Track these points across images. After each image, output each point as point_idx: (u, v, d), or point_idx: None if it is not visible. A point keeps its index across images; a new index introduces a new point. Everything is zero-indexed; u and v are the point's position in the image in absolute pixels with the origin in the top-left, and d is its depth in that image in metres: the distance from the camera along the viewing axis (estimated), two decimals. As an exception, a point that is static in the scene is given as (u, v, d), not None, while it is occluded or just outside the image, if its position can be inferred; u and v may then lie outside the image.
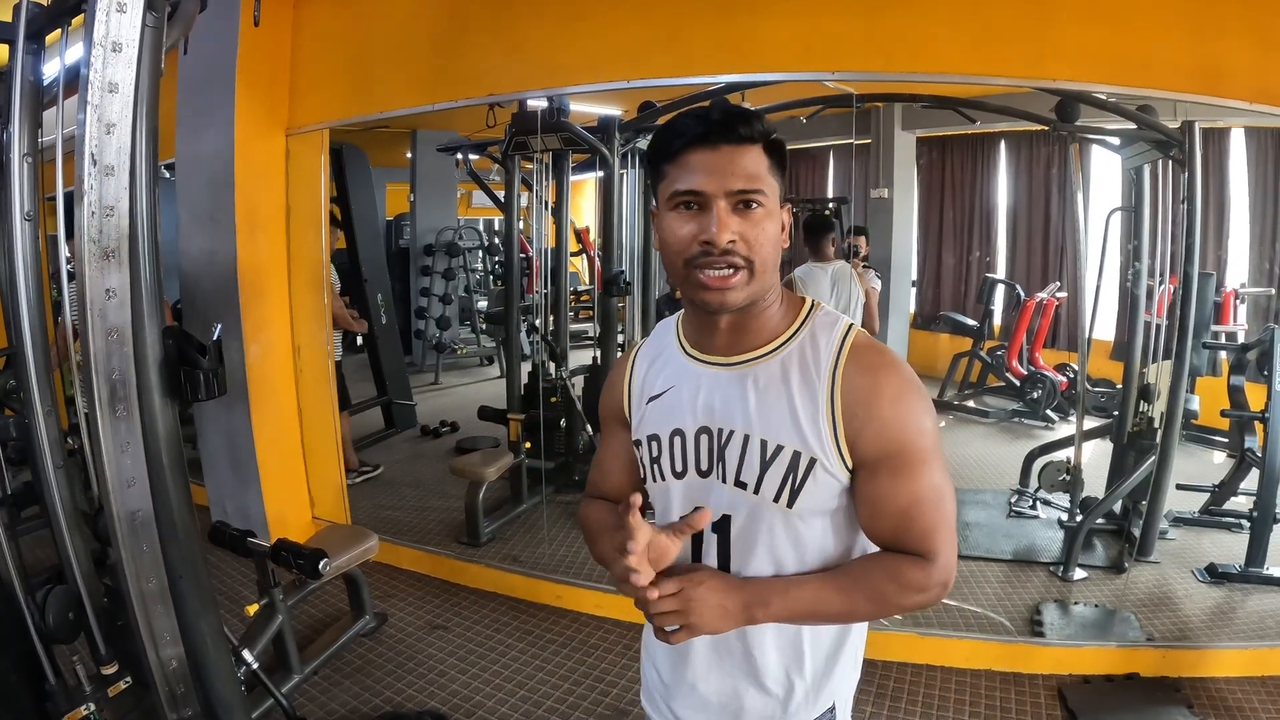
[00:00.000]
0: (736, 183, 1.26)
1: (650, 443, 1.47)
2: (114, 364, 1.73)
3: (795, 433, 1.32)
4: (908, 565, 1.31)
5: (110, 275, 1.68)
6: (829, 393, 1.31)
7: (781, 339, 1.38)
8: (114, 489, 1.79)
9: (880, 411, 1.29)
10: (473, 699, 3.56)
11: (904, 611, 1.38)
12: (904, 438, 1.30)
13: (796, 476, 1.32)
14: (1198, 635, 4.00)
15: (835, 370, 1.32)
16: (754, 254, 1.28)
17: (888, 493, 1.31)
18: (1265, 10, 3.25)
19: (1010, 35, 3.41)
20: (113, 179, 1.62)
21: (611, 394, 1.60)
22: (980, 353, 8.68)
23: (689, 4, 3.68)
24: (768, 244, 1.29)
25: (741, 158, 1.27)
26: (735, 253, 1.27)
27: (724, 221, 1.26)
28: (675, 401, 1.44)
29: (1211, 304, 6.78)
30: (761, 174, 1.28)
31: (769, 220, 1.29)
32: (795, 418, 1.32)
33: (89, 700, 2.24)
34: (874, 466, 1.31)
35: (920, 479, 1.30)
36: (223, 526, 3.45)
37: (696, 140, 1.27)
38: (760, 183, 1.27)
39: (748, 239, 1.27)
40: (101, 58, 1.57)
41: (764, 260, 1.29)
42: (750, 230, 1.27)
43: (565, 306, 6.52)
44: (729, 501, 1.38)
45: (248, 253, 4.42)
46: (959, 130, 8.75)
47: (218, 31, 4.14)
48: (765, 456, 1.34)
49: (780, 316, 1.40)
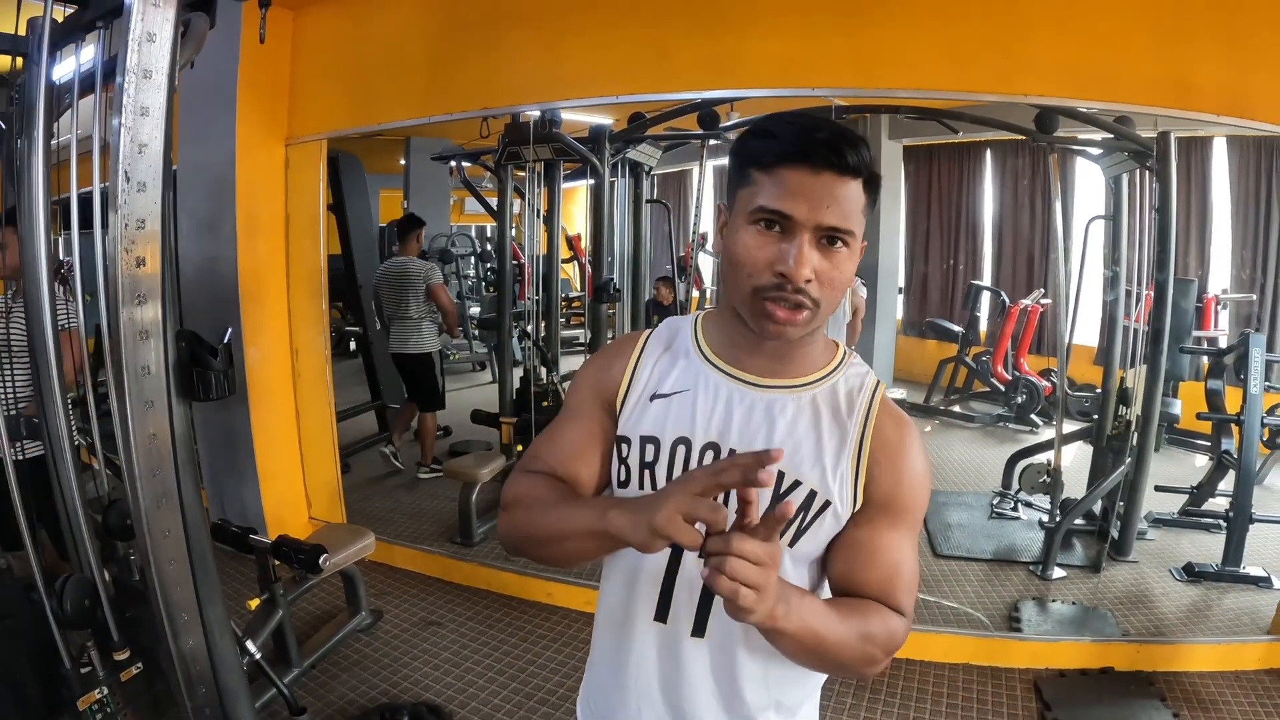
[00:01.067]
0: (831, 218, 1.13)
1: (645, 445, 1.31)
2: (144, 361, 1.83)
3: (817, 471, 1.24)
4: (895, 620, 1.22)
5: (141, 282, 1.78)
6: (859, 434, 1.26)
7: (818, 375, 1.30)
8: (141, 476, 1.88)
9: (904, 464, 1.25)
10: (466, 691, 3.64)
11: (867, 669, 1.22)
12: (913, 497, 1.26)
13: (806, 516, 1.24)
14: (1173, 631, 4.09)
15: (869, 415, 1.27)
16: (824, 295, 1.17)
17: (886, 543, 1.25)
18: (1232, 26, 3.35)
19: (985, 52, 3.51)
20: (144, 194, 1.72)
21: (608, 373, 1.39)
22: (966, 359, 8.76)
23: (676, 23, 3.79)
24: (841, 286, 1.18)
25: (841, 189, 1.13)
26: (807, 293, 1.15)
27: (806, 256, 1.13)
28: (685, 408, 1.30)
29: (1193, 310, 6.89)
30: (855, 212, 1.15)
31: (849, 261, 1.18)
32: (820, 456, 1.24)
33: (102, 684, 2.33)
34: (875, 513, 1.25)
35: (909, 541, 1.27)
36: (225, 524, 3.53)
37: (797, 157, 1.13)
38: (852, 222, 1.15)
39: (824, 279, 1.16)
40: (134, 84, 1.67)
41: (832, 302, 1.19)
42: (829, 271, 1.16)
43: (556, 312, 6.60)
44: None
45: (247, 259, 4.51)
46: (944, 139, 8.83)
47: (220, 45, 4.19)
48: (779, 489, 1.23)
49: (820, 352, 1.32)
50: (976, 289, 9.06)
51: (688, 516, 0.99)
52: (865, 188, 1.16)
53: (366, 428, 7.56)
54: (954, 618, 4.14)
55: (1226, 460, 4.97)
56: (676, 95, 4.04)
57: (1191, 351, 6.36)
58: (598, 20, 3.95)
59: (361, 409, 7.65)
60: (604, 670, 1.44)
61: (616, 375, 1.37)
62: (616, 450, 1.34)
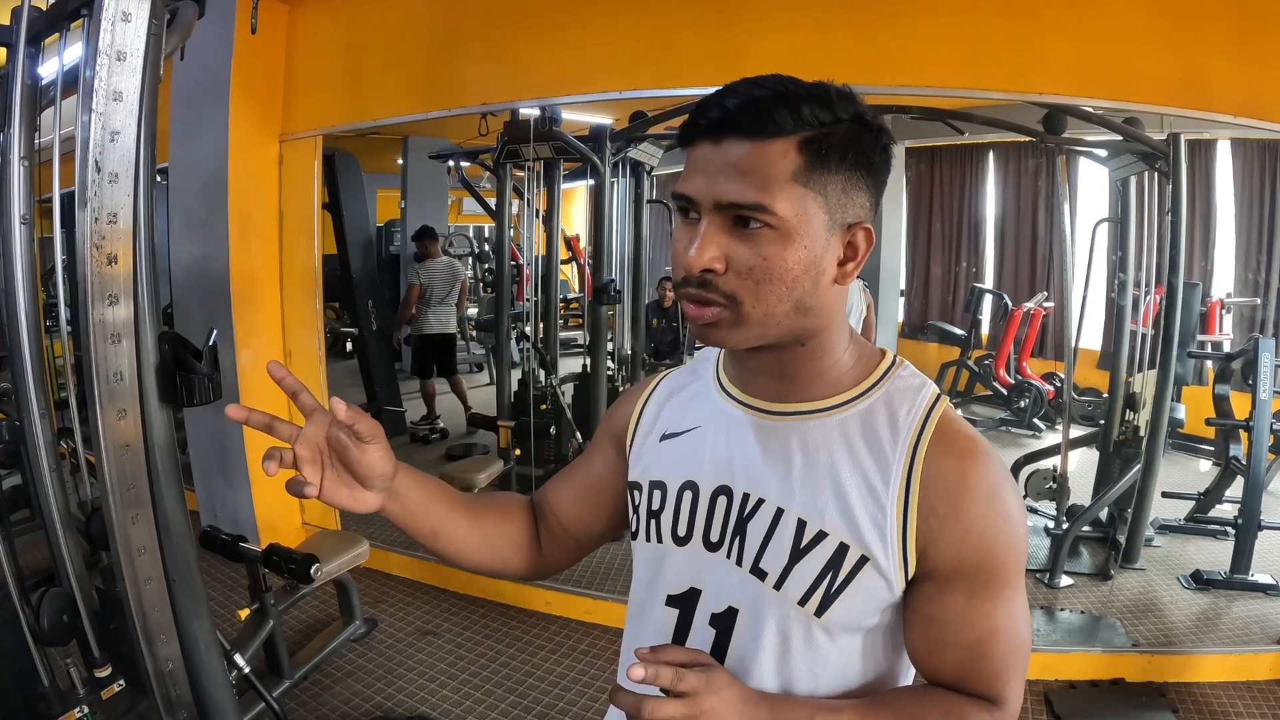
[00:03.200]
0: (729, 191, 0.91)
1: (652, 491, 1.15)
2: (115, 366, 1.74)
3: (846, 518, 1.00)
4: (971, 710, 1.01)
5: (112, 281, 1.69)
6: (904, 475, 0.99)
7: (847, 396, 1.05)
8: (114, 490, 1.80)
9: (969, 511, 0.98)
10: (462, 704, 3.57)
11: None
12: (994, 550, 0.99)
13: (837, 576, 1.00)
14: (1183, 641, 4.03)
15: (916, 447, 1.00)
16: (742, 290, 0.95)
17: (961, 617, 1.00)
18: (1249, 25, 3.29)
19: (996, 50, 3.45)
20: (116, 186, 1.63)
21: (619, 409, 1.28)
22: (968, 362, 8.71)
23: (681, 17, 3.72)
24: (770, 279, 0.94)
25: (748, 156, 0.91)
26: (712, 284, 0.95)
27: (704, 241, 0.94)
28: (694, 446, 1.13)
29: (1197, 314, 6.83)
30: (775, 180, 0.91)
31: (778, 245, 0.93)
32: (849, 498, 1.00)
33: (83, 703, 2.25)
34: (946, 580, 1.00)
35: (1004, 605, 1.00)
36: (215, 531, 3.45)
37: (702, 128, 0.95)
38: (767, 193, 0.91)
39: (740, 267, 0.94)
40: (106, 66, 1.59)
41: (760, 299, 0.95)
42: (747, 257, 0.93)
43: (555, 314, 6.56)
44: (738, 591, 1.06)
45: (240, 258, 4.43)
46: (948, 141, 8.79)
47: (213, 38, 4.15)
48: (800, 543, 1.01)
49: (849, 366, 1.07)
50: (979, 292, 9.01)
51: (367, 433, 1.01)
52: (804, 149, 0.92)
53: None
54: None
55: (1234, 466, 4.91)
56: (681, 91, 3.96)
57: (1198, 356, 6.30)
58: (600, 14, 3.89)
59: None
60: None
61: (626, 413, 1.26)
62: (630, 498, 1.20)
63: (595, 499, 1.27)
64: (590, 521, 1.27)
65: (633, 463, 1.21)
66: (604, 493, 1.27)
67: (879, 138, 0.97)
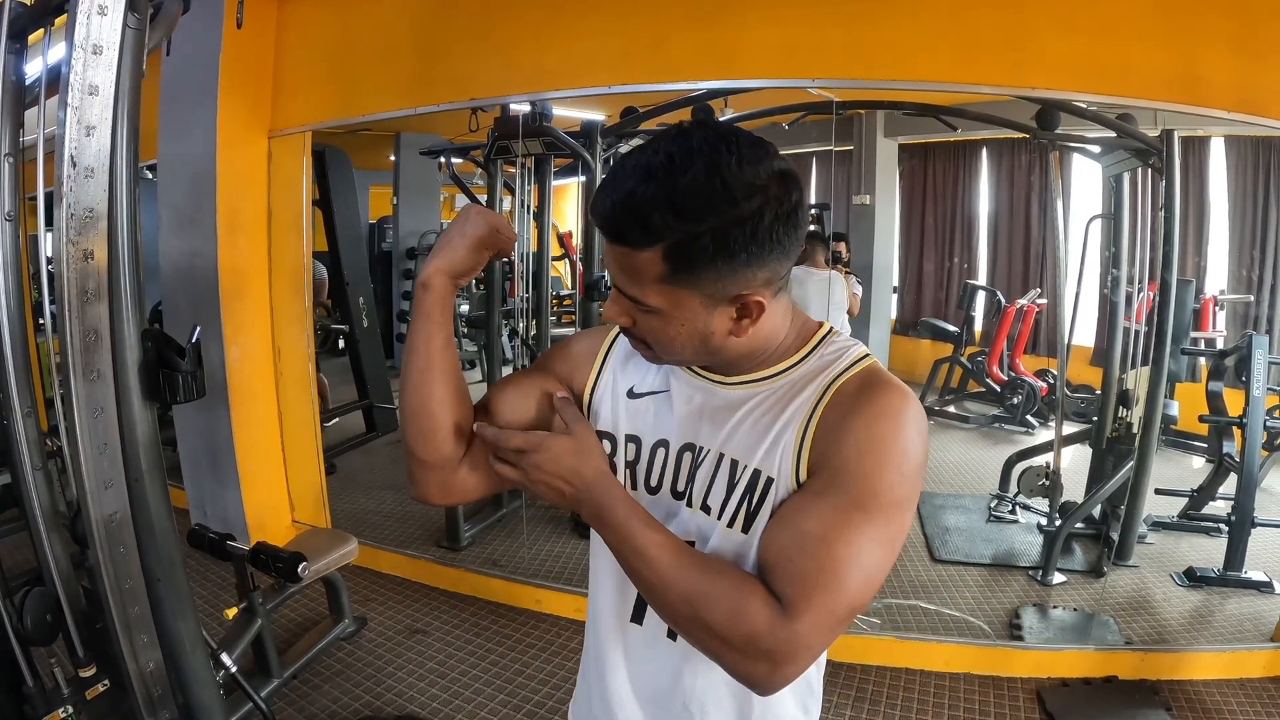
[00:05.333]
0: (618, 279, 1.10)
1: (628, 444, 1.29)
2: (92, 365, 1.72)
3: (765, 452, 1.15)
4: (760, 600, 1.05)
5: (89, 277, 1.67)
6: (812, 405, 1.14)
7: (785, 365, 1.20)
8: (91, 490, 1.77)
9: (849, 422, 1.09)
10: (452, 703, 3.55)
11: (712, 646, 1.09)
12: (860, 462, 1.07)
13: (753, 500, 1.15)
14: (1176, 638, 4.03)
15: (831, 385, 1.15)
16: (650, 341, 1.15)
17: (801, 507, 1.09)
18: (1245, 20, 3.28)
19: (990, 44, 3.43)
20: (92, 181, 1.61)
21: (575, 351, 1.39)
22: (961, 358, 8.70)
23: (673, 10, 3.70)
24: (664, 341, 1.14)
25: (623, 259, 1.07)
26: (632, 332, 1.17)
27: (616, 306, 1.14)
28: (663, 409, 1.27)
29: (1190, 310, 6.83)
30: (645, 280, 1.07)
31: (660, 323, 1.11)
32: (772, 437, 1.15)
33: (67, 703, 2.23)
34: (812, 477, 1.11)
35: (847, 523, 1.05)
36: (202, 529, 3.42)
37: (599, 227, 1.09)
38: (639, 289, 1.08)
39: (641, 330, 1.15)
40: (82, 60, 1.56)
41: (666, 349, 1.16)
42: (643, 322, 1.13)
43: (547, 311, 6.52)
44: (695, 528, 1.21)
45: (229, 255, 4.40)
46: (941, 137, 8.79)
47: (201, 33, 4.13)
48: (733, 479, 1.17)
49: (790, 343, 1.21)
50: (972, 288, 9.01)
51: (493, 226, 1.22)
52: (668, 257, 1.04)
53: (353, 428, 7.47)
54: (954, 626, 4.06)
55: (1228, 463, 4.91)
56: (672, 85, 3.96)
57: (1192, 353, 6.30)
58: (591, 7, 3.87)
59: (349, 408, 7.55)
60: (590, 675, 1.41)
61: (581, 357, 1.38)
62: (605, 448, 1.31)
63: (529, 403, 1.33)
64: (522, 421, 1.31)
65: (596, 410, 1.34)
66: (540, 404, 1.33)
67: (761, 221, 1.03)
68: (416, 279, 1.23)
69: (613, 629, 1.32)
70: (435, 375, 1.23)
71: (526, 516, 5.35)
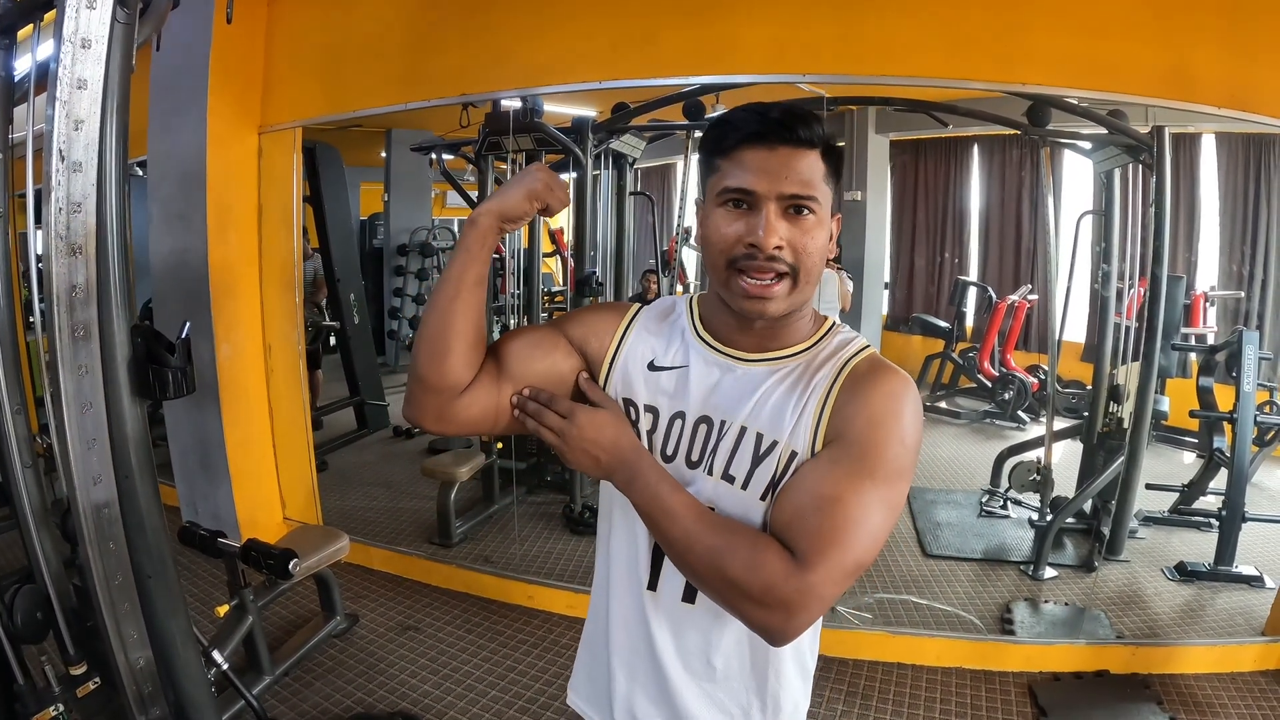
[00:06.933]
0: (790, 186, 1.21)
1: (646, 413, 1.38)
2: (80, 360, 1.71)
3: (790, 427, 1.27)
4: (776, 553, 1.17)
5: (77, 272, 1.66)
6: (829, 385, 1.27)
7: (801, 347, 1.34)
8: (80, 486, 1.77)
9: (863, 396, 1.24)
10: (444, 700, 3.54)
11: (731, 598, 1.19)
12: (870, 434, 1.21)
13: (778, 470, 1.26)
14: (1167, 632, 4.05)
15: (845, 367, 1.29)
16: (799, 262, 1.23)
17: (817, 472, 1.22)
18: (1236, 16, 3.29)
19: (981, 40, 3.43)
20: (80, 175, 1.59)
21: (593, 319, 1.47)
22: (952, 354, 8.73)
23: (664, 6, 3.69)
24: (815, 253, 1.24)
25: (798, 161, 1.22)
26: (781, 259, 1.22)
27: (773, 225, 1.21)
28: (683, 383, 1.36)
29: (1181, 306, 6.84)
30: (816, 181, 1.23)
31: (819, 229, 1.24)
32: (793, 412, 1.27)
33: (58, 701, 2.21)
34: (827, 445, 1.24)
35: (857, 487, 1.18)
36: (193, 527, 3.41)
37: (753, 138, 1.22)
38: (814, 189, 1.22)
39: (795, 246, 1.22)
40: (71, 54, 1.55)
41: (809, 270, 1.25)
42: (800, 237, 1.22)
43: (538, 307, 6.52)
44: (711, 495, 1.30)
45: (219, 251, 4.38)
46: (932, 134, 8.81)
47: (191, 28, 4.11)
48: (758, 451, 1.28)
49: (806, 327, 1.36)
50: (963, 284, 9.03)
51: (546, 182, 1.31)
52: (824, 158, 1.25)
53: (345, 424, 7.46)
54: (946, 621, 4.07)
55: (1218, 458, 4.92)
56: (663, 81, 3.95)
57: (1182, 349, 6.31)
58: (582, 3, 3.86)
59: (340, 405, 7.54)
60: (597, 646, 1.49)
61: (605, 335, 1.43)
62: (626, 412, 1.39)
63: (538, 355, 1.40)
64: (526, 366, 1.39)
65: (615, 379, 1.41)
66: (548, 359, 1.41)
67: (841, 150, 1.30)
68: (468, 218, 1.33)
69: (629, 596, 1.41)
70: (460, 306, 1.30)
71: (518, 513, 5.35)
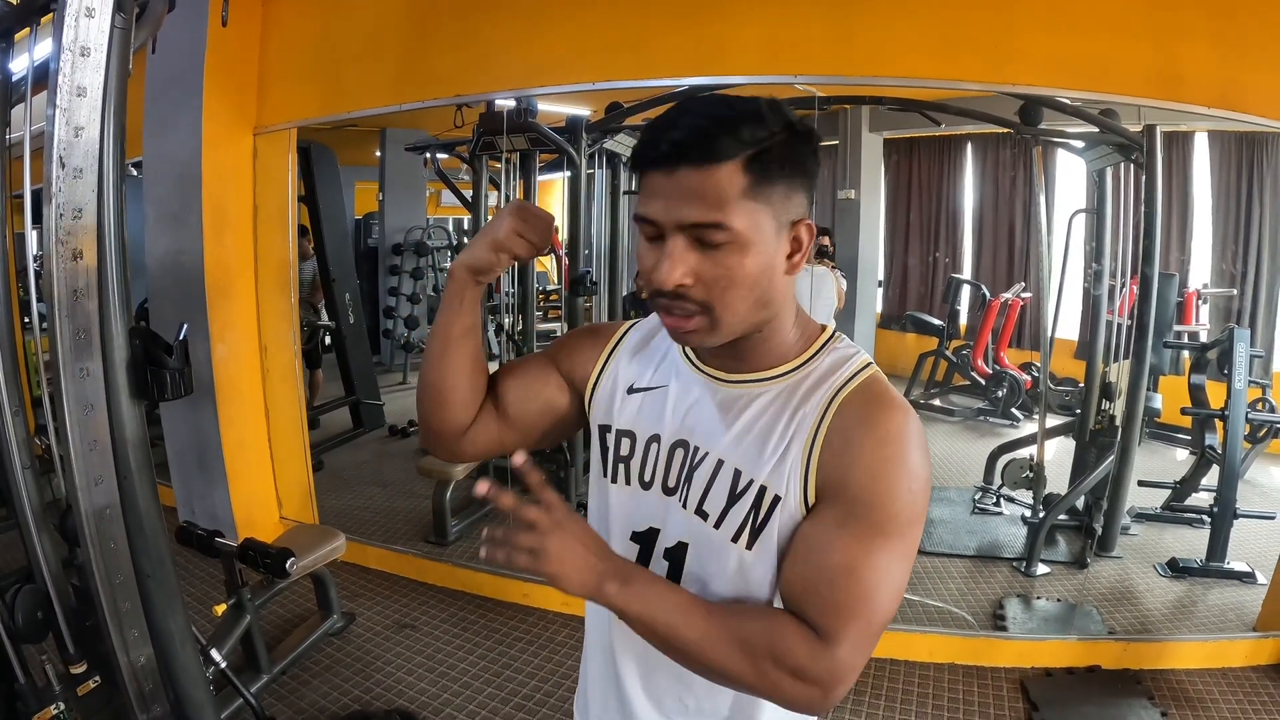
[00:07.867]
0: (690, 214, 1.04)
1: (622, 438, 1.29)
2: (81, 363, 1.73)
3: (768, 465, 1.14)
4: (797, 634, 1.07)
5: (77, 276, 1.67)
6: (817, 420, 1.13)
7: (789, 366, 1.19)
8: (82, 487, 1.78)
9: (860, 445, 1.10)
10: (440, 697, 3.56)
11: (761, 690, 1.10)
12: (874, 488, 1.08)
13: (759, 516, 1.15)
14: (1159, 628, 4.07)
15: (835, 398, 1.14)
16: (712, 298, 1.08)
17: (825, 539, 1.09)
18: (1226, 16, 3.30)
19: (972, 40, 3.44)
20: (81, 181, 1.61)
21: (579, 346, 1.39)
22: (946, 352, 8.73)
23: (657, 7, 3.70)
24: (738, 283, 1.07)
25: (700, 181, 1.03)
26: (687, 296, 1.08)
27: (675, 259, 1.06)
28: (660, 404, 1.27)
29: (1174, 304, 6.87)
30: (728, 200, 1.03)
31: (739, 254, 1.06)
32: (776, 450, 1.14)
33: (58, 699, 2.23)
34: (827, 504, 1.11)
35: (870, 551, 1.07)
36: (190, 527, 3.42)
37: (652, 161, 1.06)
38: (722, 212, 1.04)
39: (706, 279, 1.07)
40: (70, 62, 1.57)
41: (730, 304, 1.09)
42: (711, 270, 1.06)
43: (533, 306, 6.53)
44: (685, 529, 1.22)
45: (215, 252, 4.39)
46: (925, 132, 8.80)
47: (186, 31, 4.11)
48: (735, 489, 1.16)
49: (794, 342, 1.21)
50: (957, 282, 9.03)
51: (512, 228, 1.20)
52: (750, 166, 1.04)
53: (341, 424, 7.46)
54: (938, 617, 4.09)
55: (1210, 455, 4.94)
56: (657, 82, 3.95)
57: (1174, 346, 6.34)
58: (576, 4, 3.86)
59: (336, 404, 7.55)
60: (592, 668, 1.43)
61: (590, 357, 1.37)
62: (600, 440, 1.33)
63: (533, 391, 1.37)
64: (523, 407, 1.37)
65: (597, 404, 1.35)
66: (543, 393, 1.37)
67: (810, 141, 1.11)
68: None
69: (600, 621, 1.36)
70: (451, 360, 1.29)
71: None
